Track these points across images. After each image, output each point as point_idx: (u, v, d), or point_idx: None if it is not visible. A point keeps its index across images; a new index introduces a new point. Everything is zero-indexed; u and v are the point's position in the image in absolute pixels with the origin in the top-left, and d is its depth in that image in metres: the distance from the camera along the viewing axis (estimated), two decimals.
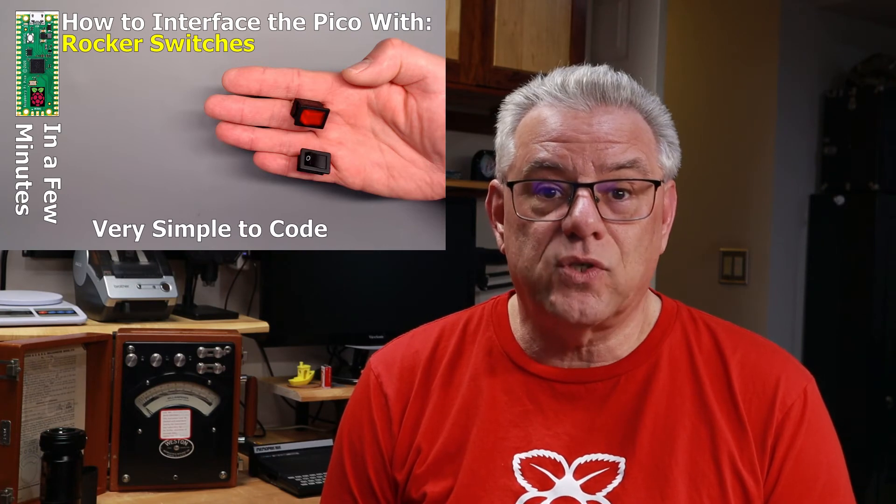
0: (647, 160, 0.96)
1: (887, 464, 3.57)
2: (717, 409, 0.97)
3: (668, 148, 1.00)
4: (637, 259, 0.95)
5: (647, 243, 0.96)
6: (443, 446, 1.01)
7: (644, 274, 0.97)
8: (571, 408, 0.99)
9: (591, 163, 0.93)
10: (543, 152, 0.95)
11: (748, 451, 0.96)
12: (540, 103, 0.98)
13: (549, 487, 0.96)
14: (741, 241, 3.73)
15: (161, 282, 1.95)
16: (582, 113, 0.95)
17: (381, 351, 1.13)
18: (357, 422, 1.09)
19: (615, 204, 0.94)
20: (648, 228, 0.96)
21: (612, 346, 1.01)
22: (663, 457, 0.96)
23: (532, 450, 0.98)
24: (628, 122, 0.96)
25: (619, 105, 0.96)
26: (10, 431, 1.53)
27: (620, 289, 0.95)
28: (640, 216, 0.95)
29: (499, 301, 1.10)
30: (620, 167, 0.94)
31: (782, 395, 0.97)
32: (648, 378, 1.00)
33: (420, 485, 1.01)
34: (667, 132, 1.00)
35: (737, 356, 1.00)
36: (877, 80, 3.70)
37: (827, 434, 1.00)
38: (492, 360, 1.05)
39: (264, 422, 2.34)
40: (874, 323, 3.59)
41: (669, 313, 1.05)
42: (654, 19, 2.88)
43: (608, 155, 0.93)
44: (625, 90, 0.97)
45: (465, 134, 2.66)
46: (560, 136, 0.95)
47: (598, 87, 0.96)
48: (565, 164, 0.94)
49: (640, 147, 0.96)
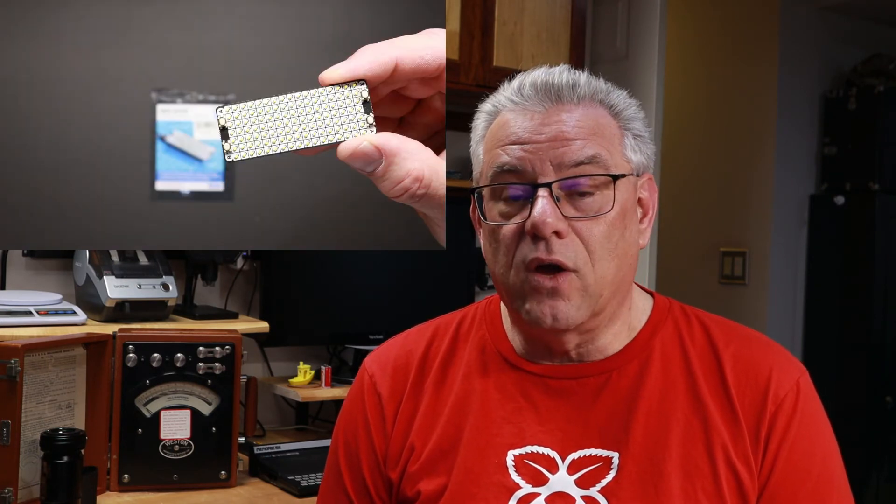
0: (609, 155, 0.95)
1: (887, 464, 3.57)
2: (710, 403, 0.97)
3: (635, 141, 0.99)
4: (605, 256, 0.95)
5: (616, 239, 0.95)
6: (436, 444, 1.02)
7: (617, 271, 0.96)
8: (564, 403, 1.00)
9: (549, 162, 0.93)
10: (504, 156, 0.95)
11: (742, 443, 0.96)
12: (504, 109, 0.99)
13: (543, 483, 0.97)
14: (741, 241, 3.73)
15: (161, 282, 1.95)
16: (538, 114, 0.96)
17: (375, 351, 1.13)
18: (352, 422, 1.09)
19: (578, 202, 0.94)
20: (617, 224, 0.95)
21: (601, 346, 1.01)
22: (657, 451, 0.96)
23: (525, 446, 0.99)
24: (587, 119, 0.96)
25: (577, 103, 0.96)
26: (10, 431, 1.53)
27: (591, 290, 0.95)
28: (604, 212, 0.94)
29: (492, 300, 1.11)
30: (579, 164, 0.93)
31: (775, 386, 0.98)
32: (641, 372, 1.00)
33: (414, 483, 1.02)
34: (633, 125, 0.99)
35: (730, 350, 1.00)
36: (877, 80, 3.70)
37: (820, 425, 1.00)
38: (485, 359, 1.05)
39: (264, 422, 2.34)
40: (874, 323, 3.59)
41: (661, 309, 1.05)
42: (654, 19, 2.88)
43: (565, 153, 0.93)
44: (581, 88, 0.97)
45: (465, 134, 2.64)
46: (518, 139, 0.95)
47: (552, 87, 0.96)
48: (524, 166, 0.94)
49: (601, 142, 0.95)
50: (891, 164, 3.62)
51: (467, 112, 1.12)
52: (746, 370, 0.99)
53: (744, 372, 0.99)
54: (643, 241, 1.02)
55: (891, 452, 3.59)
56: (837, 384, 3.50)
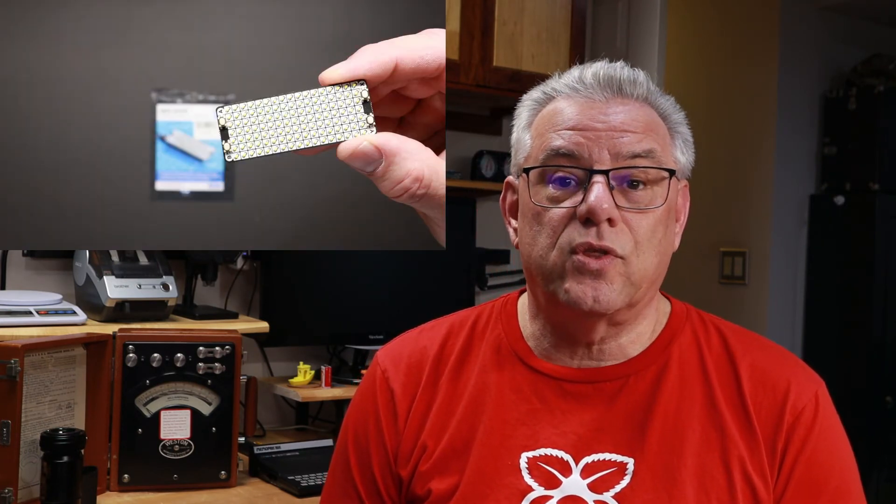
0: (662, 152, 0.97)
1: (887, 464, 3.57)
2: (726, 412, 0.97)
3: (683, 144, 1.01)
4: (650, 250, 0.95)
5: (660, 235, 0.96)
6: (449, 443, 1.01)
7: (657, 267, 0.97)
8: (579, 407, 0.99)
9: (607, 150, 0.94)
10: (559, 140, 0.95)
11: (758, 454, 0.95)
12: (558, 97, 0.99)
13: (555, 486, 0.96)
14: (741, 241, 3.73)
15: (161, 282, 1.95)
16: (598, 103, 0.96)
17: (388, 346, 1.12)
18: (363, 416, 1.08)
19: (630, 193, 0.95)
20: (662, 220, 0.96)
21: (623, 343, 1.00)
22: (672, 458, 0.95)
23: (539, 448, 0.98)
24: (643, 115, 0.97)
25: (635, 99, 0.98)
26: (10, 431, 1.53)
27: (634, 278, 0.95)
28: (654, 206, 0.95)
29: (508, 299, 1.10)
30: (636, 156, 0.94)
31: (793, 398, 0.97)
32: (658, 379, 0.99)
33: (425, 481, 1.01)
34: (681, 129, 1.01)
35: (747, 359, 1.00)
36: (877, 80, 3.70)
37: (838, 439, 0.99)
38: (500, 358, 1.04)
39: (264, 422, 2.34)
40: (874, 323, 3.59)
41: (679, 315, 1.05)
42: (654, 19, 2.88)
43: (623, 144, 0.94)
44: (641, 86, 0.98)
45: (465, 134, 2.65)
46: (576, 124, 0.96)
47: (614, 80, 0.98)
48: (581, 151, 0.94)
49: (656, 139, 0.96)
50: (891, 164, 3.62)
51: (467, 112, 1.12)
52: (764, 381, 0.98)
53: (761, 382, 0.98)
54: (676, 244, 1.02)
55: (891, 452, 3.59)
56: (837, 384, 3.49)
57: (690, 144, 1.02)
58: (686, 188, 1.04)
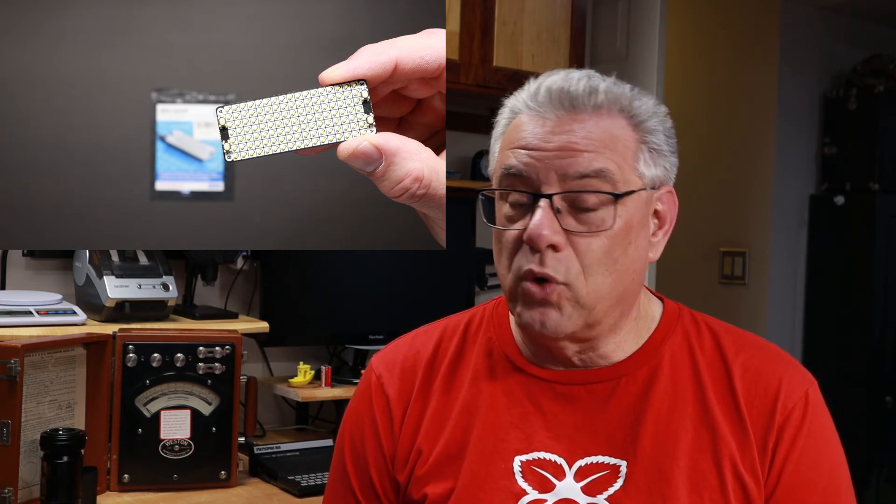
0: (619, 169, 0.92)
1: (887, 464, 3.57)
2: (718, 412, 0.97)
3: (651, 155, 0.96)
4: (601, 271, 0.93)
5: (617, 255, 0.93)
6: (444, 448, 1.01)
7: (614, 285, 0.94)
8: (572, 409, 0.99)
9: (554, 172, 0.92)
10: (513, 159, 0.95)
11: (750, 453, 0.95)
12: (520, 112, 0.97)
13: (549, 490, 0.96)
14: (741, 242, 3.73)
15: (161, 282, 1.95)
16: (549, 122, 0.94)
17: (382, 351, 1.12)
18: (359, 422, 1.08)
19: (580, 215, 0.92)
20: (619, 240, 0.93)
21: (604, 353, 1.00)
22: (665, 460, 0.95)
23: (533, 452, 0.98)
24: (599, 131, 0.93)
25: (593, 112, 0.93)
26: (10, 431, 1.53)
27: (583, 301, 0.93)
28: (604, 228, 0.92)
29: (500, 302, 1.10)
30: (584, 177, 0.91)
31: (784, 397, 0.97)
32: (650, 380, 0.99)
33: (421, 486, 1.01)
34: (652, 138, 0.96)
35: (739, 359, 1.00)
36: (877, 80, 3.70)
37: (829, 438, 0.99)
38: (492, 362, 1.04)
39: (264, 422, 2.34)
40: (874, 323, 3.59)
41: (671, 316, 1.04)
42: (654, 19, 2.88)
43: (571, 164, 0.92)
44: (600, 96, 0.94)
45: (464, 134, 2.65)
46: (527, 144, 0.94)
47: (567, 95, 0.94)
48: (529, 172, 0.93)
49: (611, 156, 0.92)
50: (891, 164, 3.62)
51: (467, 112, 1.12)
52: (756, 380, 0.98)
53: (753, 381, 0.98)
54: (654, 255, 0.99)
55: (891, 452, 3.59)
56: (837, 384, 3.50)
57: (663, 153, 0.97)
58: (670, 193, 1.00)
